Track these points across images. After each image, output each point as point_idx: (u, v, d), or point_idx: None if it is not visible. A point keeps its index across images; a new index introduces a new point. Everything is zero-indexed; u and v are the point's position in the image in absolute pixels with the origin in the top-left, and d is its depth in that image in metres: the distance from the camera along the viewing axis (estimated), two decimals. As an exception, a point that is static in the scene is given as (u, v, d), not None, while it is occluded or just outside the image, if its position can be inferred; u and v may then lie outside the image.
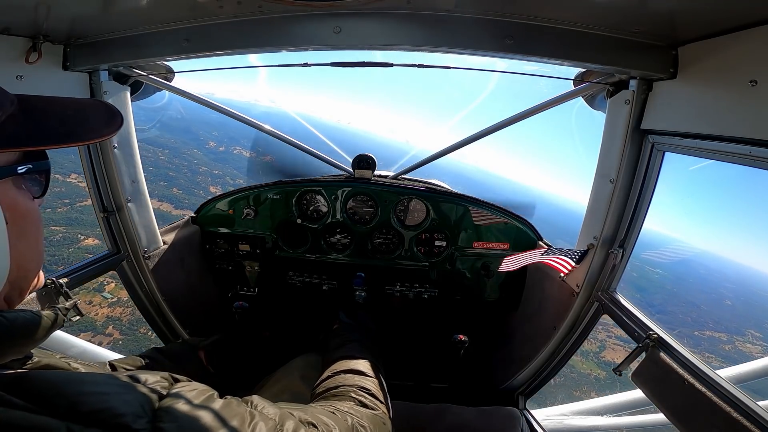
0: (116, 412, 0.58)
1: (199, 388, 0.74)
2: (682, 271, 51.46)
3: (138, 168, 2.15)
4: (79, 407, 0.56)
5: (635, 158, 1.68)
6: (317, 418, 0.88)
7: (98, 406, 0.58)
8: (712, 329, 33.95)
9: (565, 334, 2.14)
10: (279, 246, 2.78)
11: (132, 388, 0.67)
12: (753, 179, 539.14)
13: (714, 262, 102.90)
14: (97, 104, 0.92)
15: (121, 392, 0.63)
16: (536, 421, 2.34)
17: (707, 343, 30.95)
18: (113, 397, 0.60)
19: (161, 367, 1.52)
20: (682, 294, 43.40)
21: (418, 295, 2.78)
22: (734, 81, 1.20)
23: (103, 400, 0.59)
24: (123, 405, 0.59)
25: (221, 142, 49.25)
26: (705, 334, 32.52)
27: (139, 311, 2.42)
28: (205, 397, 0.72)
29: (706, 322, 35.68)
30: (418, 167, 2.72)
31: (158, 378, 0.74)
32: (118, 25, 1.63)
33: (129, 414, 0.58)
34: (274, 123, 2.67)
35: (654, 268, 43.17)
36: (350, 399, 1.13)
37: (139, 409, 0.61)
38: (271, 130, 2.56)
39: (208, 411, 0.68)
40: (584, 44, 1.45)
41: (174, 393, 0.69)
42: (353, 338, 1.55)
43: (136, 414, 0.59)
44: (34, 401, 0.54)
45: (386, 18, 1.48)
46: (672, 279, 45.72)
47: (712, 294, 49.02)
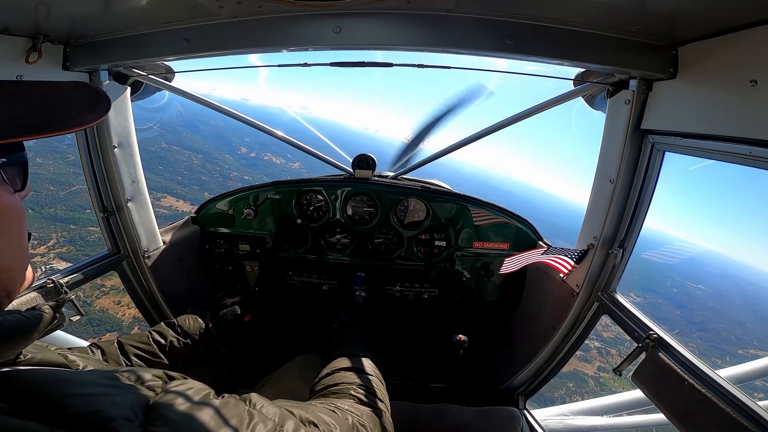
0: (104, 415, 0.55)
1: (195, 386, 0.71)
2: (727, 288, 50.90)
3: (138, 168, 2.15)
4: (63, 410, 0.53)
5: (635, 158, 1.68)
6: (318, 416, 0.87)
7: (85, 409, 0.54)
8: (757, 347, 33.90)
9: (565, 334, 2.13)
10: (279, 246, 2.78)
11: (123, 388, 0.64)
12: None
13: (760, 278, 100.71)
14: (80, 86, 0.80)
15: (111, 393, 0.60)
16: (536, 421, 2.34)
17: (754, 363, 30.80)
18: (102, 398, 0.57)
19: (171, 343, 1.50)
20: (726, 311, 43.10)
21: (418, 295, 2.78)
22: (734, 81, 1.20)
23: (90, 402, 0.56)
24: (112, 408, 0.56)
25: (252, 149, 50.02)
26: (749, 353, 32.46)
27: (139, 311, 2.42)
28: (201, 396, 0.68)
29: (751, 340, 35.61)
30: (418, 167, 2.72)
31: (151, 376, 0.71)
32: (118, 25, 1.63)
33: (118, 418, 0.55)
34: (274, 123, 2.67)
35: (695, 284, 43.02)
36: (350, 397, 1.13)
37: (129, 412, 0.58)
38: (271, 130, 2.57)
39: (205, 412, 0.64)
40: (584, 44, 1.45)
41: (168, 392, 0.66)
42: (353, 337, 1.54)
43: (126, 417, 0.56)
44: (17, 403, 0.51)
45: (386, 18, 1.48)
46: (715, 295, 45.47)
47: (759, 311, 48.49)
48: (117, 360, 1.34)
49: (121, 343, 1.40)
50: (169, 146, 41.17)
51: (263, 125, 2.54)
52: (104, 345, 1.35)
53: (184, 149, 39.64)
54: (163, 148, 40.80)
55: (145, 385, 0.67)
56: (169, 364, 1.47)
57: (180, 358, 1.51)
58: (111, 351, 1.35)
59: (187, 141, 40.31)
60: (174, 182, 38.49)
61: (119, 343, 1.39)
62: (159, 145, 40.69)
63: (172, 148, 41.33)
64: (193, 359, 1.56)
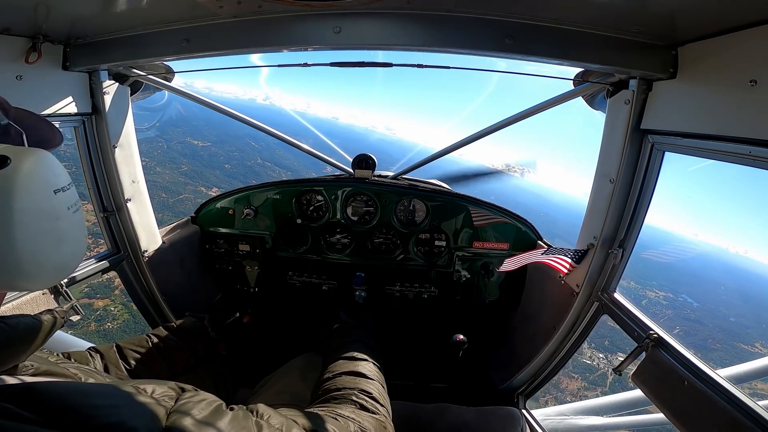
0: (128, 426, 0.56)
1: (206, 399, 0.74)
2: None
3: (138, 168, 2.15)
4: (90, 420, 0.55)
5: (635, 158, 1.68)
6: (321, 425, 0.89)
7: (110, 420, 0.56)
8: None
9: (565, 334, 2.14)
10: (279, 246, 2.78)
11: (140, 400, 0.66)
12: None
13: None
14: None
15: (130, 404, 0.62)
16: (536, 421, 2.33)
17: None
18: (123, 410, 0.59)
19: (169, 347, 1.50)
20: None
21: (418, 295, 2.78)
22: (734, 81, 1.20)
23: (114, 413, 0.57)
24: (134, 418, 0.58)
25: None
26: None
27: (139, 311, 2.42)
28: (213, 409, 0.71)
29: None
30: (418, 167, 2.72)
31: (165, 389, 0.73)
32: (118, 25, 1.63)
33: (141, 428, 0.57)
34: (274, 123, 2.67)
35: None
36: (351, 402, 1.13)
37: (149, 423, 0.60)
38: (271, 131, 2.56)
39: (217, 424, 0.67)
40: (584, 44, 1.45)
41: (182, 405, 0.68)
42: (354, 338, 1.54)
43: (148, 428, 0.58)
44: (44, 414, 0.53)
45: (386, 18, 1.48)
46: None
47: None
48: (116, 364, 1.34)
49: (120, 347, 1.40)
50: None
51: (263, 125, 2.54)
52: (103, 349, 1.35)
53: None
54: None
55: (160, 397, 0.70)
56: (169, 367, 1.47)
57: (179, 361, 1.51)
58: (110, 355, 1.35)
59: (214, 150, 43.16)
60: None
61: (118, 347, 1.39)
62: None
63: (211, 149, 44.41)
64: (192, 362, 1.56)
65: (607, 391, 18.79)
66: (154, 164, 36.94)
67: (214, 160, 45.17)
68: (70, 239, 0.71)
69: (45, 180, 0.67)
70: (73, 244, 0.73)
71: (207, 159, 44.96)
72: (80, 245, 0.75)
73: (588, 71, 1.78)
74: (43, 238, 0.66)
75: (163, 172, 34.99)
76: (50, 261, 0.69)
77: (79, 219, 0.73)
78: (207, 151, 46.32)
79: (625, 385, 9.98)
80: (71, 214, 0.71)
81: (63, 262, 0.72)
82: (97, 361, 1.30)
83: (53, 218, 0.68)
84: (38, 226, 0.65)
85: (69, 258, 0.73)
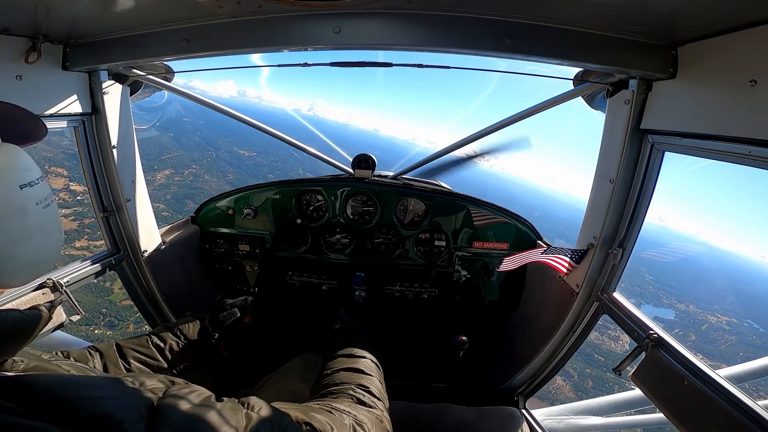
0: (115, 417, 0.57)
1: (196, 390, 0.74)
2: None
3: (138, 168, 2.15)
4: (78, 412, 0.55)
5: (635, 158, 1.68)
6: (314, 417, 0.87)
7: (98, 410, 0.56)
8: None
9: (565, 334, 2.14)
10: (279, 246, 2.78)
11: (129, 391, 0.66)
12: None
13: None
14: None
15: (118, 396, 0.62)
16: (536, 421, 2.33)
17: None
18: (111, 401, 0.59)
19: (170, 346, 1.50)
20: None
21: (418, 295, 2.78)
22: (734, 81, 1.20)
23: (102, 404, 0.58)
24: (121, 410, 0.58)
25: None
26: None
27: (139, 311, 2.42)
28: (203, 399, 0.71)
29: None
30: (418, 167, 2.72)
31: (155, 381, 0.73)
32: (118, 25, 1.63)
33: (127, 419, 0.57)
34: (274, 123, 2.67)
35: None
36: (348, 397, 1.12)
37: (135, 414, 0.60)
38: (271, 131, 2.56)
39: (206, 415, 0.67)
40: (584, 44, 1.45)
41: (171, 396, 0.68)
42: (354, 337, 1.54)
43: (134, 419, 0.58)
44: (31, 406, 0.53)
45: (386, 18, 1.48)
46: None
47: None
48: (116, 363, 1.33)
49: (120, 347, 1.39)
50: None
51: (263, 125, 2.54)
52: (103, 348, 1.35)
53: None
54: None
55: (149, 388, 0.70)
56: (169, 367, 1.47)
57: (180, 361, 1.51)
58: (110, 354, 1.34)
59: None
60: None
61: (118, 347, 1.39)
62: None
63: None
64: (192, 362, 1.56)
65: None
66: (203, 172, 38.46)
67: (258, 170, 46.45)
68: (41, 234, 0.71)
69: (9, 175, 0.66)
70: (46, 238, 0.72)
71: (252, 168, 46.18)
72: (54, 240, 0.74)
73: (588, 71, 1.78)
74: (9, 234, 0.66)
75: (210, 180, 36.16)
76: (22, 256, 0.68)
77: (51, 213, 0.72)
78: (252, 160, 47.79)
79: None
80: (40, 209, 0.70)
81: (36, 257, 0.71)
82: (96, 360, 1.29)
83: (20, 214, 0.67)
84: (3, 223, 0.65)
85: (43, 253, 0.72)
